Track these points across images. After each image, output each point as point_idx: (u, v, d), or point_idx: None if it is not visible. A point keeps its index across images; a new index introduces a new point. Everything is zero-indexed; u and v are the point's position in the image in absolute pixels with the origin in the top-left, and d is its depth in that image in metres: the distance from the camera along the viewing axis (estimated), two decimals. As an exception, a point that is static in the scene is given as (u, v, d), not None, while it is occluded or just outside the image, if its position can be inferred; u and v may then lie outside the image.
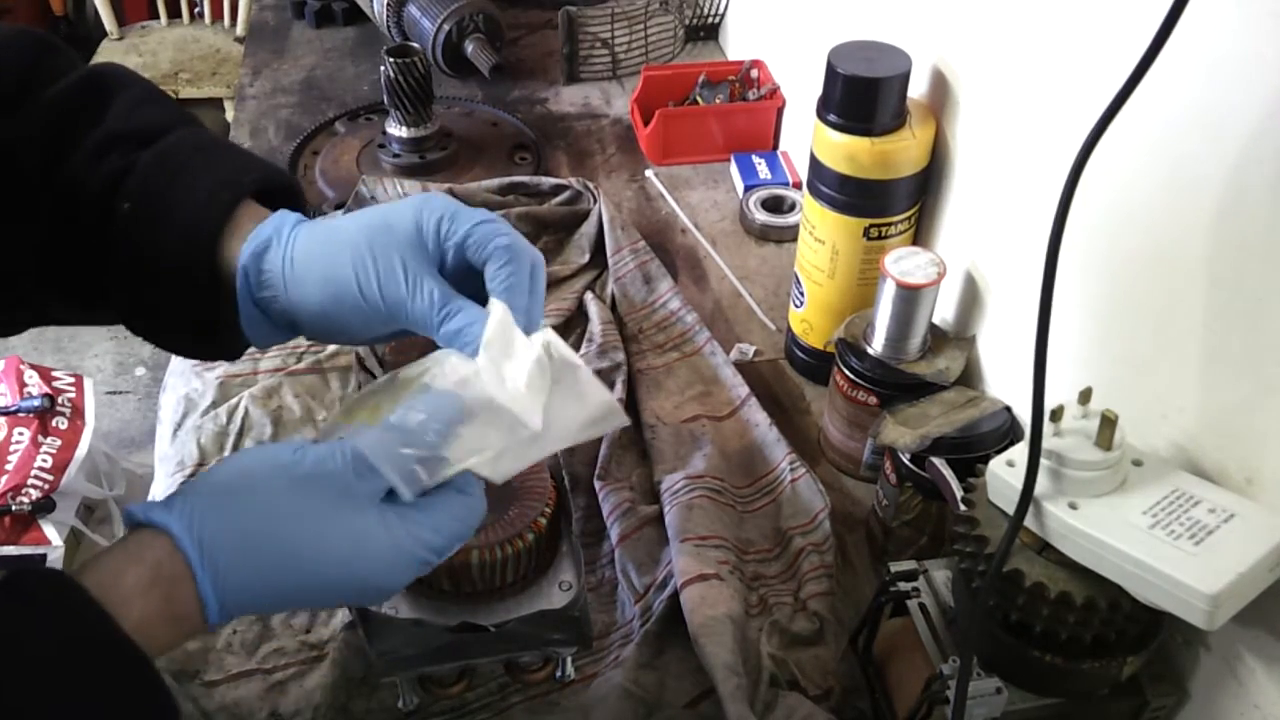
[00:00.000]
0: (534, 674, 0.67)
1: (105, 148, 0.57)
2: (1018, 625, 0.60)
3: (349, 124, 1.35)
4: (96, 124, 0.58)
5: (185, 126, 0.60)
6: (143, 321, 0.60)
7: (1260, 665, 0.59)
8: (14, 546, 1.59)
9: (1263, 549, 0.53)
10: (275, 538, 0.48)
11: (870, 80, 0.81)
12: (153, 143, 0.58)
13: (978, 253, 0.86)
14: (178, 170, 0.57)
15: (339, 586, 0.50)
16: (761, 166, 1.24)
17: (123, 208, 0.56)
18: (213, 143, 0.60)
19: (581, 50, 1.44)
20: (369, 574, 0.50)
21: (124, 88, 0.61)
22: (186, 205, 0.56)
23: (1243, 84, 0.55)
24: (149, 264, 0.56)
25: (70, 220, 0.56)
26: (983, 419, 0.76)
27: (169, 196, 0.56)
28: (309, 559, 0.48)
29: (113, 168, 0.56)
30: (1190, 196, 0.60)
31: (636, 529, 0.83)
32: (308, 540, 0.48)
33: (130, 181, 0.56)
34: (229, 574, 0.47)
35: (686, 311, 1.04)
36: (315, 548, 0.48)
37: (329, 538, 0.49)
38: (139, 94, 0.61)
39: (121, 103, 0.59)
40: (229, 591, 0.47)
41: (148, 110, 0.60)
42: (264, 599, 0.49)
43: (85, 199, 0.56)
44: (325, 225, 0.57)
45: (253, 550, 0.48)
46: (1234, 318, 0.58)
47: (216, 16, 2.79)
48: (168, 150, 0.58)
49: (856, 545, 0.85)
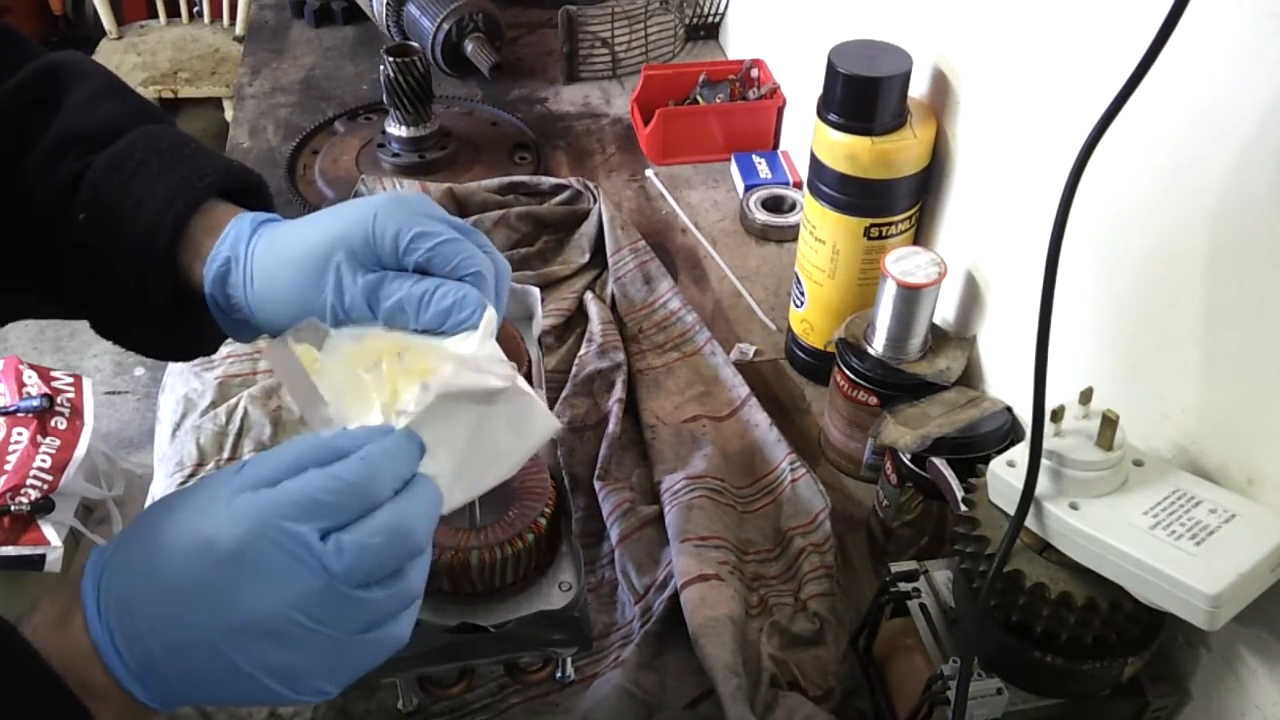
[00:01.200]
0: (534, 674, 0.67)
1: (59, 150, 0.55)
2: (1018, 626, 0.60)
3: (348, 123, 1.35)
4: (50, 122, 0.56)
5: (143, 124, 0.58)
6: (109, 326, 0.58)
7: (1261, 665, 0.59)
8: (13, 547, 1.59)
9: (1264, 549, 0.53)
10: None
11: (871, 79, 0.81)
12: (107, 145, 0.56)
13: (978, 252, 0.86)
14: (130, 177, 0.55)
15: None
16: (762, 166, 1.24)
17: (78, 218, 0.54)
18: (170, 144, 0.57)
19: (581, 50, 1.44)
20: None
21: (80, 80, 0.58)
22: (140, 216, 0.54)
23: (1243, 84, 0.55)
24: (108, 273, 0.54)
25: (31, 227, 0.55)
26: (983, 419, 0.76)
27: (122, 206, 0.54)
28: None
29: (66, 173, 0.55)
30: (1191, 196, 0.60)
31: (636, 529, 0.83)
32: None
33: (83, 189, 0.55)
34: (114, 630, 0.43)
35: (686, 311, 1.04)
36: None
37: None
38: (96, 87, 0.58)
39: (76, 98, 0.57)
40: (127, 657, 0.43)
41: (104, 106, 0.58)
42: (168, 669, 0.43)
43: (41, 206, 0.55)
44: (282, 238, 0.54)
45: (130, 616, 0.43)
46: (1235, 317, 0.58)
47: (215, 16, 2.79)
48: (121, 155, 0.56)
49: (857, 545, 0.85)
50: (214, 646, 0.43)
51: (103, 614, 0.43)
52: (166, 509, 0.45)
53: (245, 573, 0.43)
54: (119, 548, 0.45)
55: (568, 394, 0.94)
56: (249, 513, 0.43)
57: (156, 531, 0.44)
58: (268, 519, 0.43)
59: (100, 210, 0.54)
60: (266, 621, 0.43)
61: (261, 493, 0.44)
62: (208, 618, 0.43)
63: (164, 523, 0.45)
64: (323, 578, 0.43)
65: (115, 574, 0.44)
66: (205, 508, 0.45)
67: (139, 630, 0.43)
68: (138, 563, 0.44)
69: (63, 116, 0.57)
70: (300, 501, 0.43)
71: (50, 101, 0.57)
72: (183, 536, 0.44)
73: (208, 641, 0.43)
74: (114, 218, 0.54)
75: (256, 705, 0.45)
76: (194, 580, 0.43)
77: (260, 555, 0.43)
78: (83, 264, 0.55)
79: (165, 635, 0.43)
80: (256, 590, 0.43)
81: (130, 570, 0.44)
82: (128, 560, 0.44)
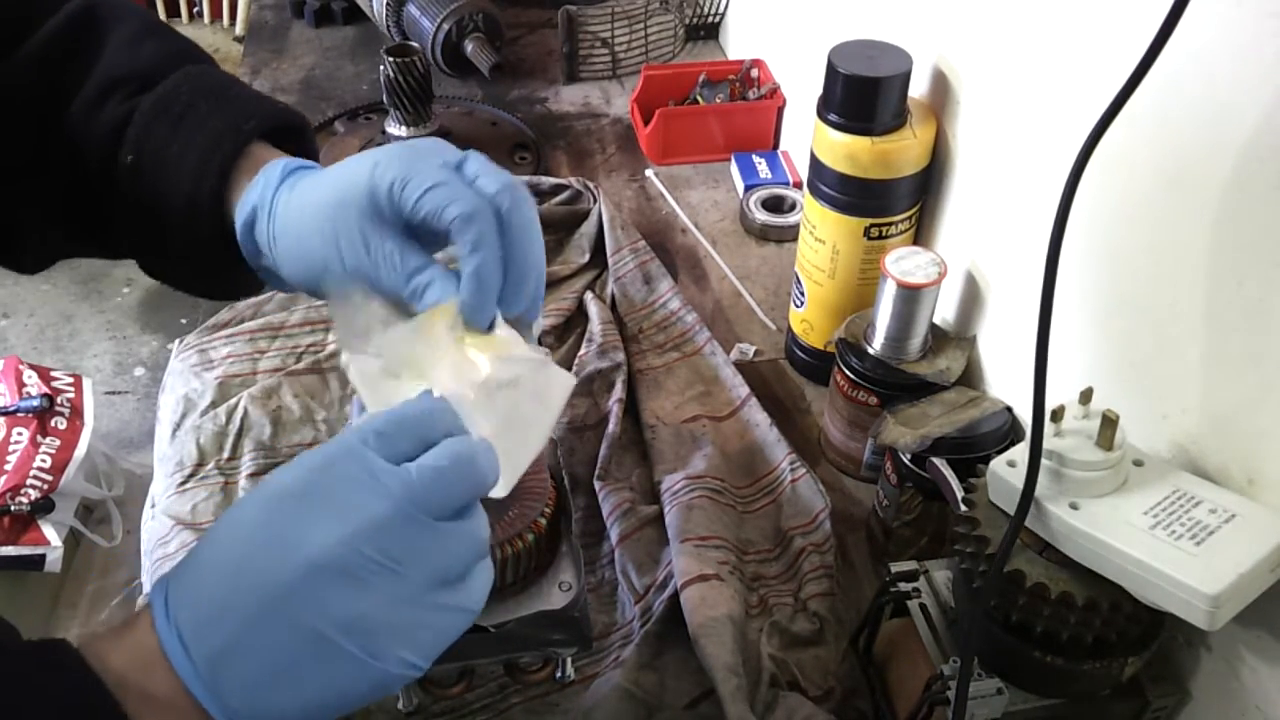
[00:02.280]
0: (534, 675, 0.67)
1: (105, 93, 0.55)
2: (1018, 626, 0.60)
3: (348, 123, 1.35)
4: (94, 64, 0.56)
5: (186, 64, 0.58)
6: (155, 265, 0.59)
7: (1262, 665, 0.59)
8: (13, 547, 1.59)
9: (1264, 549, 0.53)
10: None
11: (871, 79, 0.81)
12: (152, 86, 0.56)
13: (978, 252, 0.86)
14: (178, 119, 0.55)
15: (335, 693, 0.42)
16: (762, 166, 1.24)
17: (125, 160, 0.54)
18: (216, 84, 0.57)
19: (581, 50, 1.44)
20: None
21: (119, 20, 0.58)
22: (188, 158, 0.54)
23: (1243, 84, 0.55)
24: (155, 216, 0.55)
25: (77, 170, 0.55)
26: (983, 419, 0.76)
27: (170, 149, 0.55)
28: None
29: (113, 116, 0.55)
30: (1191, 196, 0.60)
31: (636, 529, 0.83)
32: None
33: (130, 132, 0.55)
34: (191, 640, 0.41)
35: (686, 311, 1.04)
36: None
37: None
38: (136, 27, 0.58)
39: (118, 39, 0.57)
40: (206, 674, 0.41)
41: (147, 47, 0.57)
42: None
43: (89, 149, 0.55)
44: (303, 189, 0.54)
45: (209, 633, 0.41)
46: (1235, 317, 0.58)
47: (216, 16, 2.79)
48: (167, 96, 0.55)
49: (857, 545, 0.85)
50: (282, 605, 0.40)
51: (170, 610, 0.41)
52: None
53: (311, 505, 0.41)
54: (190, 550, 0.44)
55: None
56: (311, 456, 0.43)
57: (223, 522, 0.43)
58: (330, 453, 0.43)
59: (147, 153, 0.55)
60: (335, 557, 0.40)
61: (324, 445, 0.44)
62: (275, 566, 0.40)
63: (229, 514, 0.44)
64: (391, 501, 0.41)
65: (186, 567, 0.42)
66: (271, 480, 0.44)
67: (208, 616, 0.41)
68: (207, 549, 0.43)
69: (106, 58, 0.57)
70: (362, 435, 0.43)
71: (92, 43, 0.57)
72: (251, 501, 0.43)
73: (276, 600, 0.40)
74: (161, 160, 0.54)
75: (339, 707, 0.41)
76: (261, 533, 0.41)
77: (325, 487, 0.42)
78: (130, 205, 0.55)
79: (233, 611, 0.40)
80: (323, 522, 0.41)
81: (200, 557, 0.43)
82: (198, 551, 0.43)
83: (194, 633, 0.41)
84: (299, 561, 0.40)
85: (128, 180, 0.55)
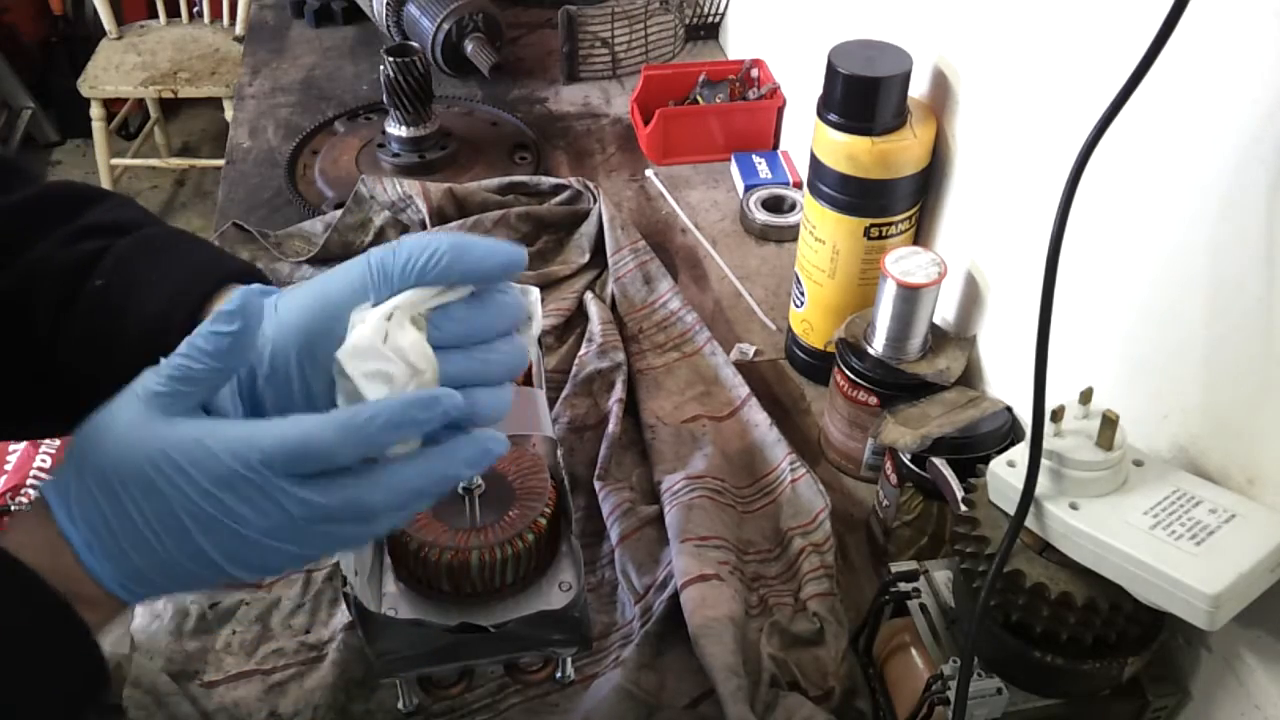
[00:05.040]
0: (534, 675, 0.67)
1: (79, 236, 0.55)
2: (1018, 626, 0.60)
3: (348, 123, 1.35)
4: (69, 221, 0.56)
5: (162, 225, 0.59)
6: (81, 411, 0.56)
7: (1261, 666, 0.59)
8: (13, 546, 1.59)
9: (1264, 549, 0.53)
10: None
11: (871, 79, 0.81)
12: (131, 233, 0.56)
13: (978, 252, 0.86)
14: (159, 252, 0.55)
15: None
16: (762, 166, 1.24)
17: (94, 284, 0.54)
18: (192, 236, 0.59)
19: (581, 49, 1.44)
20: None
21: (103, 198, 0.60)
22: (168, 281, 0.54)
23: (1243, 84, 0.55)
24: (113, 337, 0.53)
25: (20, 312, 0.54)
26: (983, 419, 0.76)
27: (150, 274, 0.54)
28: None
29: (89, 249, 0.55)
30: (1191, 196, 0.60)
31: (636, 529, 0.83)
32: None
33: (107, 260, 0.54)
34: (82, 509, 0.44)
35: (686, 311, 1.04)
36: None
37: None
38: (116, 200, 0.60)
39: (99, 207, 0.59)
40: (90, 528, 0.44)
41: (126, 210, 0.59)
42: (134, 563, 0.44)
43: (44, 286, 0.54)
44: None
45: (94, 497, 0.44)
46: (1235, 317, 0.58)
47: (215, 16, 2.79)
48: (150, 236, 0.56)
49: (857, 545, 0.85)
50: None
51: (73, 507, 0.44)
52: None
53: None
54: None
55: (568, 394, 0.94)
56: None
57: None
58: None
59: (120, 278, 0.54)
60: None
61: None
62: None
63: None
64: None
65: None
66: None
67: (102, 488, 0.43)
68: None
69: (84, 218, 0.57)
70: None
71: (70, 208, 0.58)
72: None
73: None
74: (135, 283, 0.54)
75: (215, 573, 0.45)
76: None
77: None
78: (77, 340, 0.54)
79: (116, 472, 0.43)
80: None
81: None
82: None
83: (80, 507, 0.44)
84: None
85: (89, 306, 0.53)
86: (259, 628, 0.77)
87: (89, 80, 2.61)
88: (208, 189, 3.05)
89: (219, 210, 1.20)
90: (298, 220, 1.16)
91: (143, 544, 0.44)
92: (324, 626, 0.77)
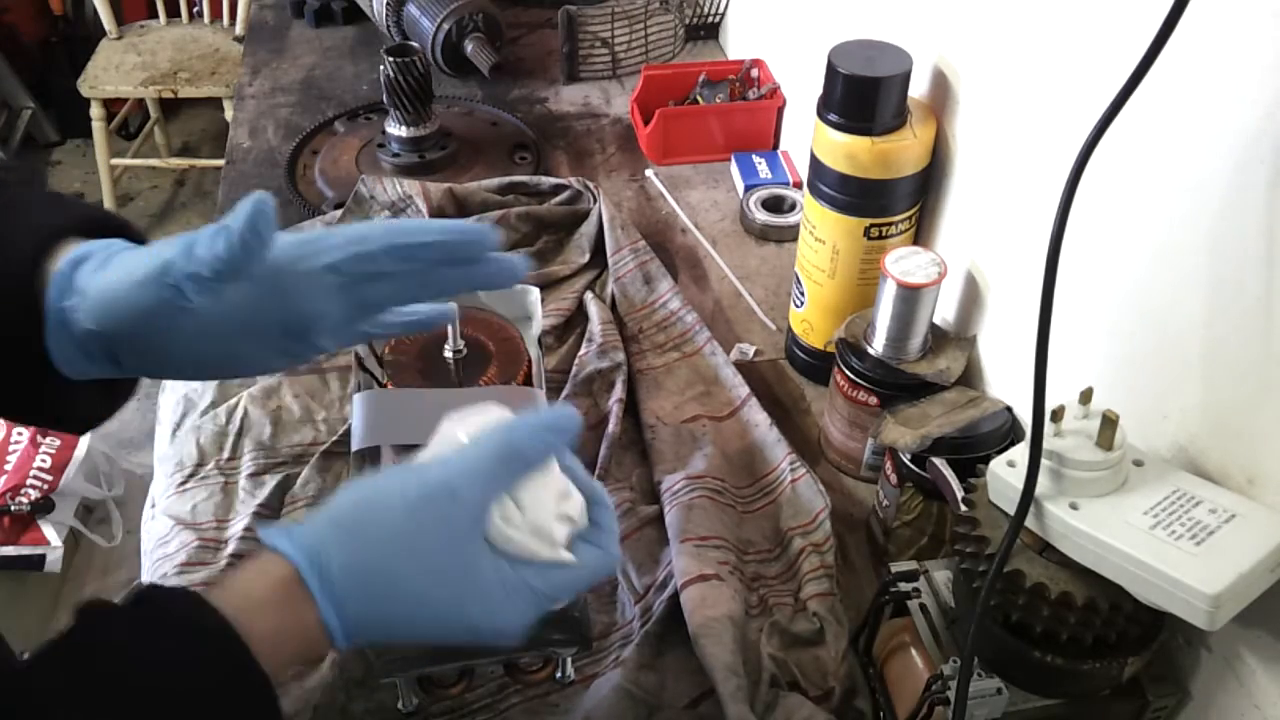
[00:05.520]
0: (534, 675, 0.67)
1: None
2: (1018, 626, 0.60)
3: (348, 123, 1.35)
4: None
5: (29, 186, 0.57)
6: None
7: (1261, 666, 0.59)
8: (13, 546, 1.59)
9: (1264, 549, 0.53)
10: (387, 570, 0.47)
11: (871, 79, 0.81)
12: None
13: (978, 252, 0.86)
14: (8, 205, 0.53)
15: (450, 623, 0.49)
16: (762, 166, 1.24)
17: None
18: (42, 194, 0.56)
19: (581, 49, 1.44)
20: (479, 612, 0.49)
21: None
22: (15, 230, 0.52)
23: (1243, 84, 0.55)
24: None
25: None
26: (983, 419, 0.76)
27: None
28: (419, 592, 0.48)
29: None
30: (1191, 196, 0.60)
31: (636, 529, 0.83)
32: (418, 573, 0.48)
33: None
34: (346, 603, 0.46)
35: (686, 311, 1.04)
36: (425, 581, 0.48)
37: (441, 571, 0.48)
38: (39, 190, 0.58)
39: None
40: (349, 620, 0.47)
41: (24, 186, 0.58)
42: (382, 628, 0.48)
43: None
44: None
45: (367, 581, 0.47)
46: (1235, 317, 0.58)
47: (215, 16, 2.79)
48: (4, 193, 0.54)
49: (857, 545, 0.85)
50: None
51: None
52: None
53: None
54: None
55: (568, 394, 0.94)
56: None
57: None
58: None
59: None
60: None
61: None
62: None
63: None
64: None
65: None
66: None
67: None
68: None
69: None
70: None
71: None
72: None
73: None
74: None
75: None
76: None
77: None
78: None
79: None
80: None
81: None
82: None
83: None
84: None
85: None
86: (259, 628, 0.77)
87: (89, 80, 2.61)
88: (208, 189, 3.04)
89: (219, 210, 1.20)
90: (298, 220, 1.16)
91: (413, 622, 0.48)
92: (324, 626, 0.77)
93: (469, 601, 0.48)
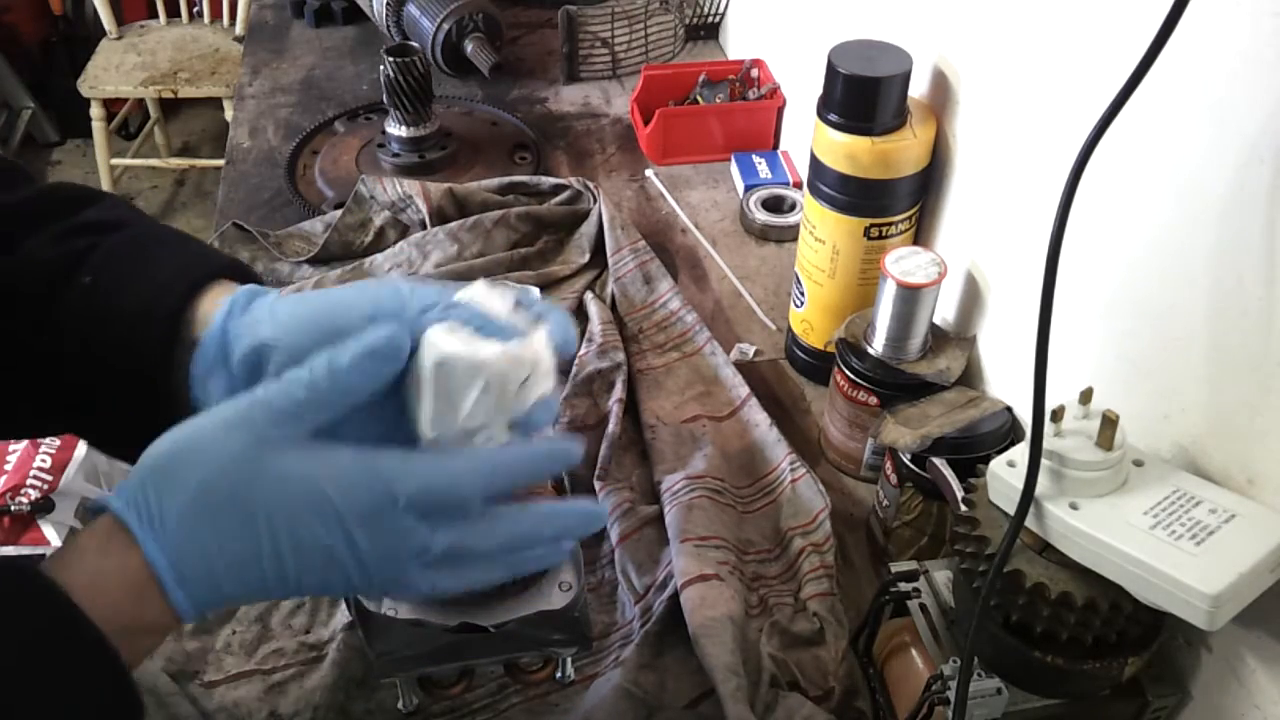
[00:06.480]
0: (534, 675, 0.67)
1: (71, 234, 0.55)
2: (1018, 626, 0.60)
3: (348, 123, 1.35)
4: (64, 220, 0.56)
5: (154, 224, 0.59)
6: (76, 409, 0.55)
7: (1261, 666, 0.59)
8: (13, 547, 1.59)
9: (1264, 549, 0.53)
10: (208, 503, 0.44)
11: (871, 79, 0.81)
12: (121, 229, 0.55)
13: (978, 252, 0.86)
14: (148, 247, 0.54)
15: (288, 549, 0.45)
16: (762, 166, 1.24)
17: (83, 281, 0.53)
18: (182, 233, 0.58)
19: (581, 50, 1.44)
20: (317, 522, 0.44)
21: (100, 198, 0.59)
22: (158, 272, 0.53)
23: (1243, 84, 0.55)
24: (100, 332, 0.52)
25: (4, 306, 0.53)
26: (983, 419, 0.76)
27: (138, 268, 0.53)
28: (246, 517, 0.44)
29: (77, 247, 0.54)
30: (1191, 196, 0.60)
31: (636, 529, 0.83)
32: (241, 502, 0.44)
33: (95, 257, 0.53)
34: (171, 541, 0.44)
35: (686, 311, 1.04)
36: (250, 508, 0.44)
37: (263, 496, 0.44)
38: (112, 201, 0.59)
39: (95, 208, 0.58)
40: (176, 556, 0.44)
41: (120, 210, 0.58)
42: (218, 564, 0.44)
43: (32, 278, 0.53)
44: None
45: (192, 517, 0.44)
46: (1235, 317, 0.58)
47: (215, 16, 2.79)
48: (140, 233, 0.55)
49: (857, 545, 0.85)
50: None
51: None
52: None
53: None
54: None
55: (568, 394, 0.94)
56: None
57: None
58: None
59: (109, 273, 0.53)
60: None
61: None
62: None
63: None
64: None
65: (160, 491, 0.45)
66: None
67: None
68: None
69: (81, 215, 0.57)
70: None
71: (68, 208, 0.57)
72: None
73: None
74: (123, 277, 0.53)
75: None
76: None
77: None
78: (74, 328, 0.53)
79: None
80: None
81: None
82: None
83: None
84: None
85: (77, 303, 0.52)
86: (259, 628, 0.77)
87: (89, 80, 2.61)
88: (208, 189, 3.05)
89: (219, 210, 1.20)
90: (298, 220, 1.16)
91: (252, 573, 0.45)
92: (324, 626, 0.77)
93: (303, 518, 0.44)
